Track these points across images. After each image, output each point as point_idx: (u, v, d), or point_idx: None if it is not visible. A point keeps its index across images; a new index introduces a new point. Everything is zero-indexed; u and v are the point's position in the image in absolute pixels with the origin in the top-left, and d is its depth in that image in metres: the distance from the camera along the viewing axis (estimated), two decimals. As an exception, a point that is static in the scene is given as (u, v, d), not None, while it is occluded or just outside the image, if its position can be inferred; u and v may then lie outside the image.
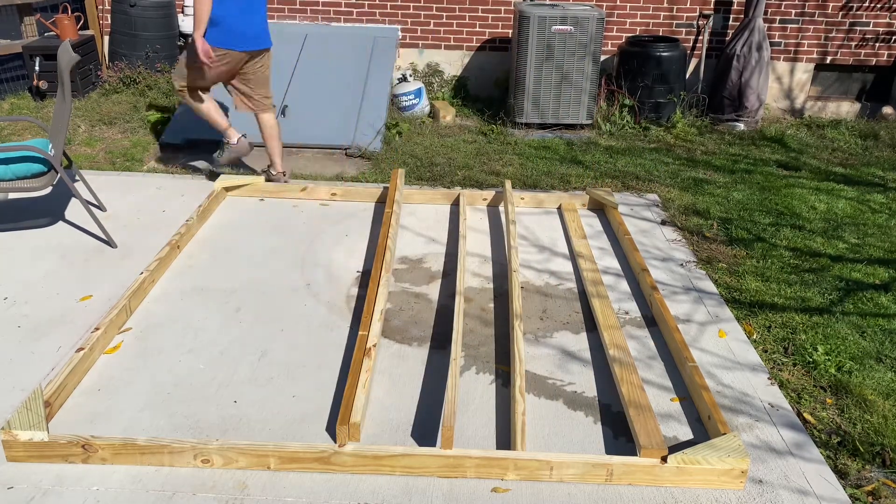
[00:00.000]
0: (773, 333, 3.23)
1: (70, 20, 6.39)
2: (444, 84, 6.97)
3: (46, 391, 2.51)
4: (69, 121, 3.84)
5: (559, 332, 3.20)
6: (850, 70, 6.97)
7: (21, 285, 3.39)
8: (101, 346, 2.90)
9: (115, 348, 2.95)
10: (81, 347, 2.77)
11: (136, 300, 3.24)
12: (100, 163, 5.06)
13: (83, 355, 2.73)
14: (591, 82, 6.01)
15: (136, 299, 3.24)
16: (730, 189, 4.95)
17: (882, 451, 2.53)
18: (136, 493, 2.23)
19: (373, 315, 3.02)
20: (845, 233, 4.31)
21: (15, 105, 6.13)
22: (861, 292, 3.61)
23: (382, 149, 5.43)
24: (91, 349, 2.80)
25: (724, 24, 6.78)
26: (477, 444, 2.49)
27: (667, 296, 3.49)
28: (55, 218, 4.11)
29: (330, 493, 2.26)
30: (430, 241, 4.05)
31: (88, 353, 2.78)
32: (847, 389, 2.84)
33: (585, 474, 2.32)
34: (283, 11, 6.81)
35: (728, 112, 6.48)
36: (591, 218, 4.41)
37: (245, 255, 3.78)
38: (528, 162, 5.32)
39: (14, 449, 2.32)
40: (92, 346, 2.81)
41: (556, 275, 3.71)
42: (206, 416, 2.58)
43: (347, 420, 2.39)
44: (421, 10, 6.79)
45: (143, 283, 3.30)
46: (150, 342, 3.00)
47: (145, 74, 6.55)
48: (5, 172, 3.61)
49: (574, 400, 2.75)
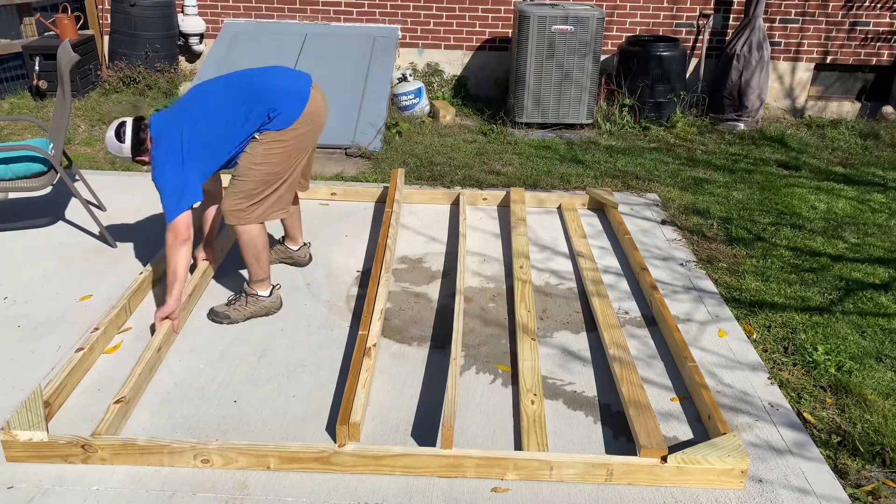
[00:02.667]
0: (773, 333, 3.23)
1: (70, 20, 6.39)
2: (444, 84, 6.97)
3: (46, 391, 2.50)
4: (69, 120, 3.84)
5: (559, 331, 3.20)
6: (851, 70, 6.96)
7: (21, 285, 3.39)
8: (101, 346, 2.90)
9: (114, 348, 2.95)
10: (81, 347, 2.77)
11: (136, 300, 3.24)
12: (100, 162, 5.06)
13: (83, 355, 2.73)
14: (591, 82, 6.00)
15: (136, 299, 3.24)
16: (730, 189, 4.95)
17: (882, 450, 2.52)
18: (135, 493, 2.23)
19: (373, 315, 3.02)
20: (845, 232, 4.31)
21: (15, 105, 6.13)
22: (861, 292, 3.61)
23: (382, 148, 5.43)
24: (91, 349, 2.80)
25: (725, 23, 6.77)
26: (477, 444, 2.49)
27: (667, 295, 3.49)
28: (55, 218, 4.11)
29: (330, 493, 2.26)
30: (430, 240, 4.05)
31: (88, 353, 2.77)
32: (847, 389, 2.84)
33: (585, 474, 2.32)
34: (283, 11, 6.81)
35: (728, 112, 6.47)
36: (591, 217, 4.41)
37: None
38: (529, 161, 5.32)
39: (14, 449, 2.32)
40: (92, 345, 2.81)
41: (557, 274, 3.71)
42: (206, 416, 2.58)
43: (347, 420, 2.38)
44: (421, 9, 6.79)
45: (143, 283, 3.30)
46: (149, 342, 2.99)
47: (145, 74, 6.56)
48: (5, 172, 3.61)
49: (574, 399, 2.75)
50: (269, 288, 3.24)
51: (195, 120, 2.91)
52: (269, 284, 3.24)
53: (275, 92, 2.93)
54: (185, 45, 6.98)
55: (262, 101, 2.90)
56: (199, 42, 6.99)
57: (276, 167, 2.99)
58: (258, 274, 3.18)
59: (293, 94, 2.95)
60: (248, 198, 3.00)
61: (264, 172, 2.97)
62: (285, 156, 2.99)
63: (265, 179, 2.99)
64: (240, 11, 6.84)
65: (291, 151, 3.00)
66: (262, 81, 2.97)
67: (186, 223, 2.91)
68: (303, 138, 3.00)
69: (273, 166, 2.98)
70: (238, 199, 3.00)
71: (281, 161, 2.99)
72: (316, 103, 3.01)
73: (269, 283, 3.23)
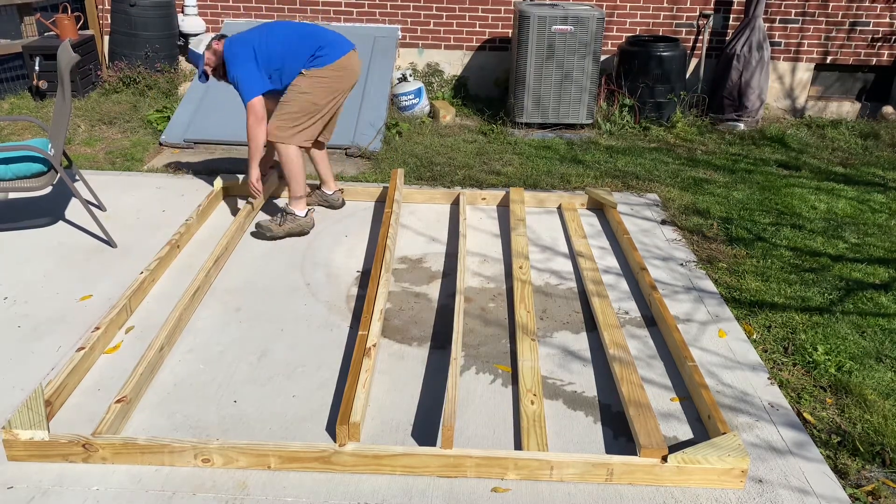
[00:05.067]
0: (773, 333, 3.23)
1: (70, 20, 6.39)
2: (444, 84, 6.97)
3: (47, 390, 2.51)
4: (69, 120, 3.84)
5: (559, 331, 3.20)
6: (851, 70, 6.97)
7: (21, 285, 3.39)
8: (102, 346, 2.90)
9: (115, 348, 2.95)
10: (82, 347, 2.77)
11: (136, 300, 3.24)
12: (100, 162, 5.06)
13: (83, 355, 2.73)
14: (591, 82, 6.00)
15: (136, 299, 3.24)
16: (730, 189, 4.95)
17: (882, 450, 2.52)
18: (135, 492, 2.23)
19: (372, 315, 3.02)
20: (845, 232, 4.31)
21: (15, 105, 6.13)
22: (861, 292, 3.61)
23: (382, 148, 5.43)
24: (91, 349, 2.80)
25: (725, 23, 6.78)
26: (477, 443, 2.49)
27: (667, 295, 3.49)
28: (55, 218, 4.11)
29: (330, 493, 2.26)
30: (430, 240, 4.05)
31: (89, 353, 2.78)
32: (847, 389, 2.84)
33: (585, 474, 2.32)
34: (283, 11, 6.81)
35: (728, 112, 6.48)
36: (590, 217, 4.41)
37: (245, 255, 3.78)
38: (529, 161, 5.32)
39: (15, 448, 2.32)
40: (92, 345, 2.81)
41: (557, 274, 3.71)
42: (206, 416, 2.58)
43: (347, 420, 2.38)
44: (421, 9, 6.79)
45: (143, 283, 3.30)
46: (150, 342, 3.00)
47: (145, 74, 6.55)
48: (5, 172, 3.61)
49: (574, 399, 2.75)
50: (306, 209, 3.98)
51: (263, 40, 3.72)
52: (306, 205, 4.00)
53: (323, 37, 3.78)
54: (185, 46, 6.98)
55: (312, 41, 3.75)
56: (199, 42, 7.00)
57: (316, 97, 3.75)
58: (296, 190, 3.92)
59: (335, 43, 3.78)
60: (291, 120, 3.76)
61: (306, 100, 3.74)
62: (324, 90, 3.76)
63: (306, 108, 3.75)
64: (240, 11, 6.84)
65: (329, 88, 3.77)
66: (314, 29, 3.83)
67: (262, 104, 3.69)
68: (338, 80, 3.79)
69: (314, 97, 3.75)
70: (282, 121, 3.77)
71: (320, 94, 3.76)
72: (351, 60, 3.82)
73: (304, 202, 3.97)
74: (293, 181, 3.90)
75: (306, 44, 3.74)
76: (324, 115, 3.85)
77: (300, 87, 3.73)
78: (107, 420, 2.41)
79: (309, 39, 3.75)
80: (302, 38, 3.75)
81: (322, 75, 3.73)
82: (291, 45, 3.73)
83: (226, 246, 3.67)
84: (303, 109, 3.75)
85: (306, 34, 3.77)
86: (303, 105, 3.74)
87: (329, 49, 3.74)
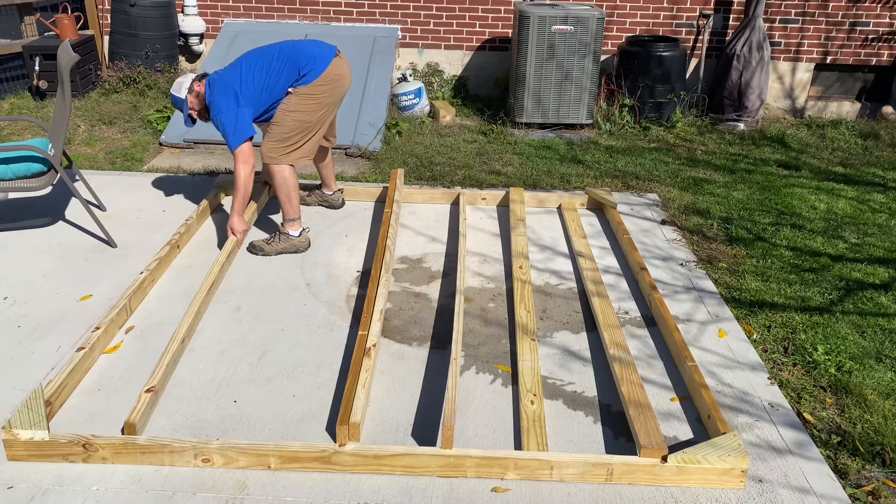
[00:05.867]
0: (773, 333, 3.23)
1: (70, 20, 6.39)
2: (444, 84, 6.97)
3: (47, 390, 2.51)
4: (69, 121, 3.84)
5: (559, 331, 3.20)
6: (851, 70, 6.97)
7: (21, 285, 3.39)
8: (102, 346, 2.90)
9: (115, 348, 2.95)
10: (82, 347, 2.77)
11: (136, 300, 3.24)
12: (100, 162, 5.06)
13: (83, 355, 2.73)
14: (591, 82, 6.00)
15: (136, 299, 3.24)
16: (730, 189, 4.95)
17: (882, 450, 2.53)
18: (135, 492, 2.23)
19: (373, 315, 3.02)
20: (845, 232, 4.31)
21: (15, 105, 6.13)
22: (861, 292, 3.61)
23: (382, 148, 5.43)
24: (91, 349, 2.80)
25: (725, 23, 6.78)
26: (477, 443, 2.49)
27: (667, 295, 3.49)
28: (55, 218, 4.11)
29: (330, 493, 2.26)
30: (430, 240, 4.05)
31: (89, 353, 2.78)
32: (847, 389, 2.84)
33: (585, 474, 2.32)
34: (282, 11, 6.81)
35: (728, 112, 6.48)
36: (590, 217, 4.41)
37: (245, 255, 3.78)
38: (529, 161, 5.32)
39: (15, 448, 2.32)
40: (92, 345, 2.81)
41: (557, 274, 3.71)
42: (206, 416, 2.58)
43: (347, 420, 2.39)
44: (421, 9, 6.79)
45: (143, 283, 3.30)
46: (150, 342, 3.00)
47: (145, 74, 6.56)
48: (5, 172, 3.61)
49: (574, 399, 2.75)
50: (300, 229, 3.83)
51: (244, 78, 3.58)
52: (300, 225, 3.83)
53: (304, 52, 3.63)
54: (185, 46, 6.98)
55: (294, 61, 3.60)
56: (199, 42, 6.99)
57: (306, 115, 3.63)
58: (290, 213, 3.77)
59: (318, 56, 3.64)
60: (282, 140, 3.64)
61: (296, 119, 3.62)
62: (314, 106, 3.64)
63: (296, 127, 3.63)
64: (240, 11, 6.85)
65: (319, 103, 3.65)
66: (294, 47, 3.67)
67: (249, 149, 3.56)
68: (328, 94, 3.66)
69: (304, 115, 3.63)
70: (274, 142, 3.65)
71: (310, 110, 3.64)
72: (338, 68, 3.68)
73: (299, 223, 3.82)
74: (286, 204, 3.73)
75: (288, 65, 3.60)
76: (317, 131, 3.73)
77: (290, 106, 3.61)
78: (138, 409, 2.46)
79: (290, 60, 3.61)
80: (283, 61, 3.61)
81: (311, 92, 3.60)
82: (273, 71, 3.60)
83: (230, 250, 3.66)
84: (294, 129, 3.63)
85: (286, 55, 3.62)
86: (293, 125, 3.62)
87: (313, 63, 3.60)
